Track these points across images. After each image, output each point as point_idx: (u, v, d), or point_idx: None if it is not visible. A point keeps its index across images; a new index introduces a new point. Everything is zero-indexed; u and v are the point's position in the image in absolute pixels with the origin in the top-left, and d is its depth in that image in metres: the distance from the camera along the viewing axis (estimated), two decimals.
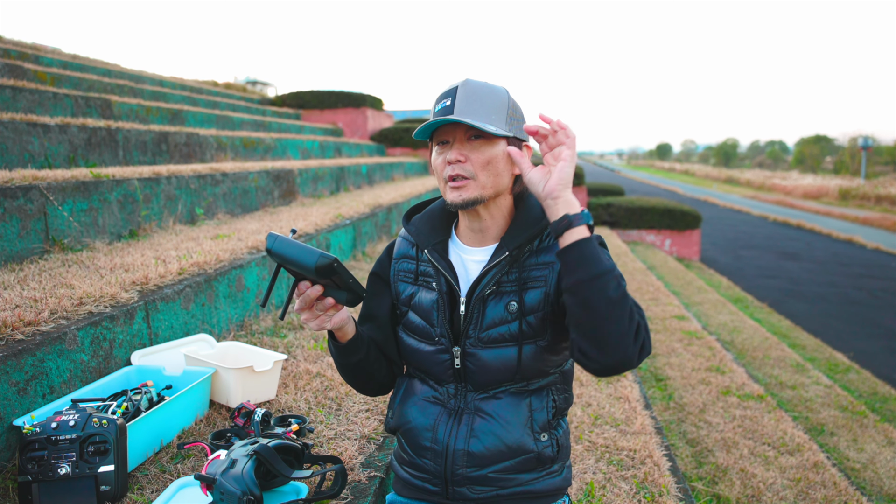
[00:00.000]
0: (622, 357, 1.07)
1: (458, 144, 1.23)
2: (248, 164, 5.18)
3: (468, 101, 1.22)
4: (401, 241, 1.44)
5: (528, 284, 1.26)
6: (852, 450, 3.94)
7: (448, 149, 1.24)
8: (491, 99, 1.23)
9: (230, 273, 2.85)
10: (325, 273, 1.12)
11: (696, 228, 13.23)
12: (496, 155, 1.23)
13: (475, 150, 1.23)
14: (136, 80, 8.16)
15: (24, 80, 4.69)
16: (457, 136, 1.24)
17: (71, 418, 1.58)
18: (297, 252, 1.13)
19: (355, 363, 1.35)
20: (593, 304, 1.06)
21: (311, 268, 1.11)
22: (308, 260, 1.11)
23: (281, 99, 12.57)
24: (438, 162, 1.26)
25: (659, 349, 5.07)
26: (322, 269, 1.11)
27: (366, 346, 1.35)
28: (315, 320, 1.22)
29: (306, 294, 1.18)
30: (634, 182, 44.37)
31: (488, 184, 1.23)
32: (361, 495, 1.71)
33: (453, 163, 1.22)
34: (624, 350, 1.06)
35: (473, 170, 1.22)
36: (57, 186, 2.77)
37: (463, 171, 1.22)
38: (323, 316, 1.22)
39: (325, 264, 1.11)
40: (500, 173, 1.25)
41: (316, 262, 1.11)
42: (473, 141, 1.23)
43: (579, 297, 1.08)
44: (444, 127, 1.25)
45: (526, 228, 1.27)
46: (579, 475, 2.18)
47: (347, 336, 1.31)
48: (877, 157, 48.32)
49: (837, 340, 7.42)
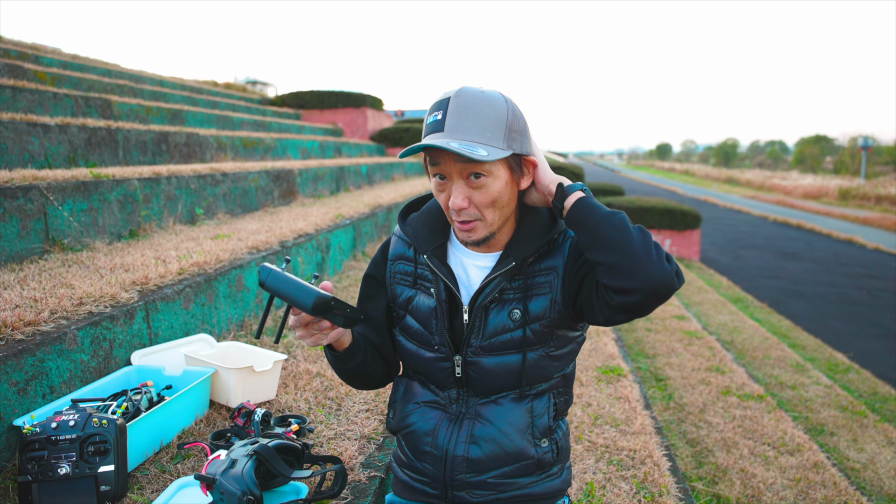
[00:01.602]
0: (660, 273, 1.06)
1: (457, 187, 1.15)
2: (248, 164, 5.18)
3: (460, 116, 1.11)
4: (396, 240, 1.38)
5: (532, 291, 1.23)
6: (852, 450, 3.93)
7: (447, 185, 1.17)
8: (486, 113, 1.11)
9: (230, 273, 2.85)
10: (321, 311, 1.10)
11: (696, 228, 13.22)
12: (500, 190, 1.16)
13: (477, 191, 1.15)
14: (136, 80, 8.16)
15: (24, 80, 4.69)
16: (452, 170, 1.14)
17: (71, 418, 1.58)
18: (292, 290, 1.10)
19: (353, 367, 1.32)
20: (612, 238, 1.08)
21: (308, 307, 1.09)
22: (304, 299, 1.09)
23: (281, 99, 12.57)
24: (442, 199, 1.20)
25: (659, 349, 5.07)
26: (319, 308, 1.09)
27: (363, 351, 1.31)
28: (311, 338, 1.19)
29: (301, 316, 1.15)
30: (634, 182, 44.35)
31: (497, 219, 1.19)
32: (361, 495, 1.71)
33: (457, 209, 1.16)
34: (658, 265, 1.06)
35: (479, 212, 1.17)
36: (57, 186, 2.77)
37: (469, 216, 1.17)
38: (318, 334, 1.19)
39: (322, 303, 1.09)
40: (506, 204, 1.19)
41: (312, 302, 1.08)
42: (473, 181, 1.13)
43: (598, 241, 1.10)
44: (438, 157, 1.15)
45: (534, 237, 1.23)
46: (579, 475, 2.18)
47: (344, 345, 1.27)
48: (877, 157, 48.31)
49: (837, 340, 7.41)
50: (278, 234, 3.57)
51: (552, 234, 1.24)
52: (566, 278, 1.23)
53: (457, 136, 1.10)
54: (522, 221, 1.26)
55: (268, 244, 3.35)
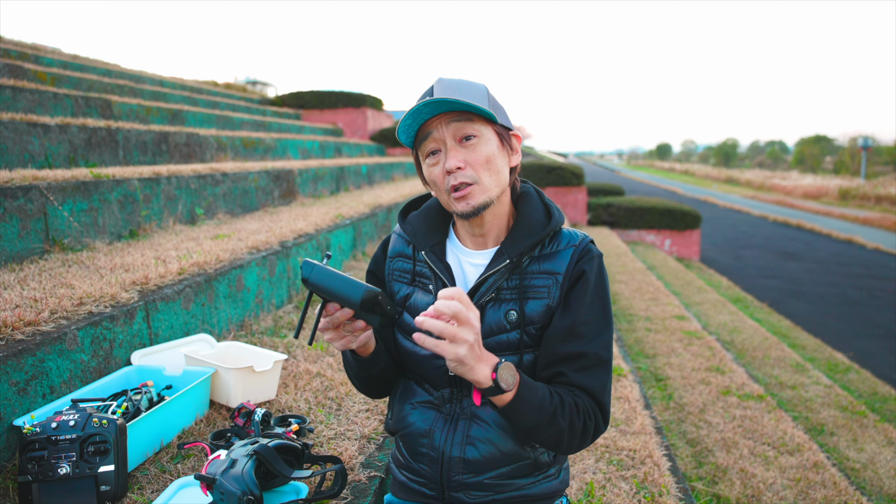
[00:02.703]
0: (575, 451, 1.26)
1: (452, 151, 1.17)
2: (248, 164, 5.18)
3: (446, 91, 1.17)
4: (396, 238, 1.39)
5: (528, 293, 1.23)
6: (852, 450, 3.94)
7: (441, 157, 1.19)
8: (471, 89, 1.19)
9: (230, 273, 2.85)
10: (369, 307, 1.06)
11: (696, 228, 13.23)
12: (493, 151, 1.18)
13: (471, 152, 1.17)
14: (136, 80, 8.16)
15: (24, 80, 4.69)
16: (446, 133, 1.17)
17: (71, 418, 1.57)
18: (339, 285, 1.05)
19: (376, 374, 1.31)
20: (537, 440, 1.21)
21: (357, 302, 1.04)
22: (353, 294, 1.04)
23: (281, 99, 12.58)
24: (437, 174, 1.20)
25: (659, 349, 5.07)
26: (367, 303, 1.05)
27: (385, 355, 1.31)
28: (341, 340, 1.17)
29: (335, 317, 1.12)
30: (634, 182, 44.36)
31: (493, 184, 1.19)
32: (361, 495, 1.71)
33: (453, 171, 1.17)
34: (576, 449, 1.24)
35: (475, 173, 1.17)
36: (57, 186, 2.77)
37: (465, 177, 1.16)
38: (349, 336, 1.18)
39: (371, 298, 1.05)
40: (500, 169, 1.20)
41: (361, 296, 1.03)
42: (466, 143, 1.17)
43: (524, 438, 1.23)
44: (431, 127, 1.18)
45: (527, 235, 1.23)
46: (579, 475, 2.18)
47: (370, 349, 1.26)
48: (877, 157, 48.32)
49: (837, 340, 7.42)
50: (278, 234, 3.57)
51: (546, 231, 1.24)
52: (564, 286, 1.22)
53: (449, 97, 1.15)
54: (517, 220, 1.27)
55: (268, 244, 3.35)
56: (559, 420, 1.16)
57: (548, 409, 1.15)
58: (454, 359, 1.04)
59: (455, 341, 1.03)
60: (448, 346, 1.03)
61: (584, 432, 1.20)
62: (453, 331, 1.02)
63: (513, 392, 1.12)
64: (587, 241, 1.26)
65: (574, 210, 13.14)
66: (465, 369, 1.07)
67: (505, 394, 1.11)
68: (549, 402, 1.16)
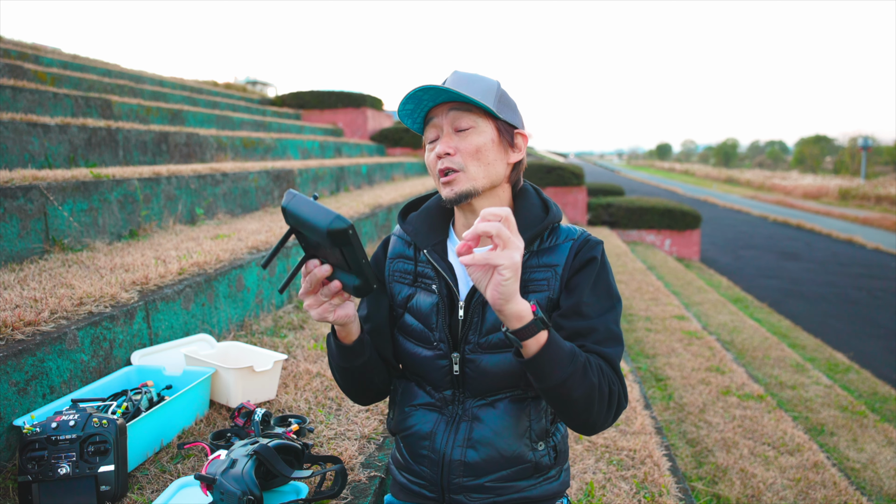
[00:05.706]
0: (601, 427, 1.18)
1: (445, 137, 1.21)
2: (248, 164, 5.18)
3: (454, 83, 1.22)
4: (395, 239, 1.39)
5: (529, 287, 1.23)
6: (852, 450, 3.94)
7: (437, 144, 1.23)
8: (480, 83, 1.22)
9: (230, 273, 2.85)
10: (337, 239, 0.98)
11: (696, 228, 13.23)
12: (485, 142, 1.20)
13: (463, 140, 1.20)
14: (136, 80, 8.16)
15: (24, 80, 4.69)
16: (444, 121, 1.21)
17: (71, 418, 1.57)
18: (312, 212, 0.99)
19: (359, 367, 1.28)
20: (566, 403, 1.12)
21: (323, 230, 0.96)
22: (321, 221, 0.97)
23: (281, 99, 12.57)
24: (431, 159, 1.24)
25: (659, 349, 5.07)
26: (335, 234, 0.97)
27: (369, 349, 1.28)
28: (318, 307, 1.13)
29: (313, 273, 1.08)
30: (634, 182, 44.36)
31: (480, 174, 1.20)
32: (361, 495, 1.71)
33: (443, 156, 1.20)
34: (602, 423, 1.17)
35: (463, 161, 1.20)
36: (57, 186, 2.77)
37: (452, 163, 1.20)
38: (327, 304, 1.13)
39: (339, 228, 0.97)
40: (491, 162, 1.21)
41: (329, 224, 0.96)
42: (460, 133, 1.20)
43: (553, 399, 1.13)
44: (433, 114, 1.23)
45: (525, 229, 1.23)
46: (579, 475, 2.18)
47: (352, 336, 1.23)
48: (877, 157, 48.33)
49: (837, 340, 7.42)
50: (278, 234, 3.57)
51: (545, 224, 1.24)
52: (564, 276, 1.23)
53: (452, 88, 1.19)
54: (515, 215, 1.25)
55: (268, 244, 3.35)
56: (590, 375, 1.10)
57: (579, 360, 1.09)
58: (510, 264, 0.95)
59: (508, 247, 0.95)
60: (500, 253, 0.95)
61: (611, 399, 1.14)
62: (508, 234, 0.95)
63: (547, 334, 1.05)
64: (586, 235, 1.27)
65: (574, 210, 13.14)
66: (511, 291, 0.98)
67: (541, 333, 1.04)
68: (579, 353, 1.10)
